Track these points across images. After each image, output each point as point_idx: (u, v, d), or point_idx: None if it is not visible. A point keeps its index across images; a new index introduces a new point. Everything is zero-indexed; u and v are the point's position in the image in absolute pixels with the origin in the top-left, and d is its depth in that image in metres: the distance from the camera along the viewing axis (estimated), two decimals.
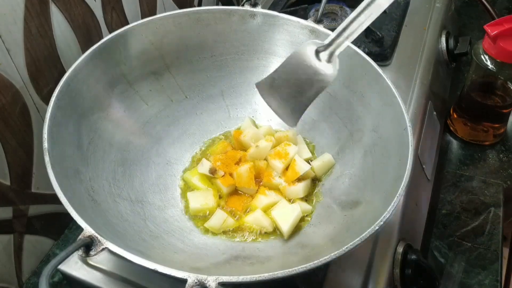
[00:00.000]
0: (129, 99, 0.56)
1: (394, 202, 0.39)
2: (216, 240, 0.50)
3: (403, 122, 0.46)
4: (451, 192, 0.66)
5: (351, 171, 0.52)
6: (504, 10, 0.96)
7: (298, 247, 0.47)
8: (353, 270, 0.47)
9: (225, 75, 0.61)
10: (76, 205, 0.38)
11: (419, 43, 0.71)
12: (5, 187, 0.52)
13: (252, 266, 0.44)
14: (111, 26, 0.63)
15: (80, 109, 0.49)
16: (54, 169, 0.39)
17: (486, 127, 0.70)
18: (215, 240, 0.50)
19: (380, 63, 0.66)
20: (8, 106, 0.50)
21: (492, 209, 0.63)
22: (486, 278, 0.56)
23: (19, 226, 0.55)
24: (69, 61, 0.57)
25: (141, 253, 0.38)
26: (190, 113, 0.61)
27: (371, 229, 0.37)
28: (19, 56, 0.50)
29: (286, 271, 0.34)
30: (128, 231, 0.45)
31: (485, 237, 0.60)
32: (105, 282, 0.47)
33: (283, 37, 0.59)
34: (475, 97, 0.68)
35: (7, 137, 0.51)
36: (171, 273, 0.34)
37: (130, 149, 0.54)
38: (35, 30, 0.51)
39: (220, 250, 0.48)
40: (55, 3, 0.52)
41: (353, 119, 0.54)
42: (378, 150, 0.50)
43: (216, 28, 0.58)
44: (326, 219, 0.50)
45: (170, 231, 0.49)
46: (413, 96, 0.63)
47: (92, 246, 0.35)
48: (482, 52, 0.63)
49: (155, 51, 0.57)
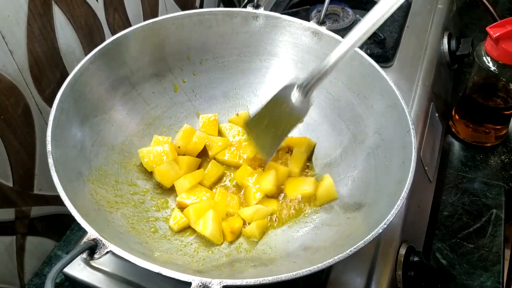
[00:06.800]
0: (132, 101, 0.56)
1: (398, 204, 0.39)
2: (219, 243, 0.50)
3: (406, 124, 0.46)
4: (453, 194, 0.66)
5: (354, 173, 0.52)
6: (506, 11, 0.96)
7: (301, 249, 0.47)
8: (355, 271, 0.47)
9: (227, 76, 0.61)
10: (80, 208, 0.38)
11: (421, 44, 0.71)
12: (8, 188, 0.52)
13: (255, 268, 0.44)
14: (113, 28, 0.63)
15: (83, 111, 0.49)
16: (57, 172, 0.39)
17: (488, 128, 0.70)
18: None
19: (382, 65, 0.66)
20: (11, 107, 0.50)
21: (494, 211, 0.63)
22: (488, 280, 0.56)
23: (21, 227, 0.55)
24: (72, 62, 0.57)
25: (145, 256, 0.38)
26: (193, 114, 0.61)
27: (374, 232, 0.37)
28: (22, 58, 0.50)
29: (290, 274, 0.35)
30: (131, 233, 0.45)
31: (487, 239, 0.60)
32: (107, 284, 0.47)
33: (286, 38, 0.59)
34: (477, 99, 0.68)
35: (9, 138, 0.51)
36: (176, 276, 0.34)
37: (133, 151, 0.54)
38: (38, 32, 0.51)
39: (223, 253, 0.48)
40: (58, 5, 0.52)
41: (356, 121, 0.54)
42: (381, 152, 0.50)
43: (218, 30, 0.58)
44: (329, 221, 0.50)
45: (173, 234, 0.49)
46: (415, 97, 0.63)
47: (96, 249, 0.35)
48: (484, 54, 0.63)
49: (158, 53, 0.57)
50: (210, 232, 0.48)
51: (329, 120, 0.57)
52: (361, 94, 0.53)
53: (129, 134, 0.55)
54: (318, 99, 0.58)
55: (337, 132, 0.56)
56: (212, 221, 0.49)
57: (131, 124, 0.55)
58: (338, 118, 0.56)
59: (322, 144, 0.58)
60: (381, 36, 0.68)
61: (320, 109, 0.58)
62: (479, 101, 0.67)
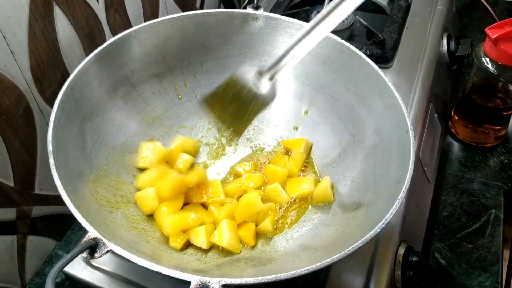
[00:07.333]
0: (132, 101, 0.56)
1: (396, 204, 0.39)
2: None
3: (404, 125, 0.46)
4: (452, 194, 0.66)
5: (353, 174, 0.52)
6: (505, 12, 0.96)
7: (300, 249, 0.47)
8: (354, 271, 0.48)
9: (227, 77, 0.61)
10: (81, 208, 0.38)
11: (420, 45, 0.71)
12: (9, 188, 0.52)
13: (254, 267, 0.45)
14: (114, 28, 0.63)
15: (83, 112, 0.49)
16: (58, 172, 0.40)
17: (487, 129, 0.70)
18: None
19: (382, 65, 0.66)
20: (12, 107, 0.50)
21: (493, 211, 0.63)
22: (486, 280, 0.56)
23: (22, 227, 0.56)
24: (73, 63, 0.57)
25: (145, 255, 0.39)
26: (193, 114, 0.61)
27: (373, 232, 0.37)
28: (23, 58, 0.50)
29: (289, 274, 0.35)
30: (131, 233, 0.45)
31: (486, 239, 0.60)
32: (108, 283, 0.47)
33: (285, 39, 0.59)
34: (476, 100, 0.68)
35: (10, 138, 0.51)
36: (175, 275, 0.34)
37: (133, 151, 0.55)
38: (39, 32, 0.51)
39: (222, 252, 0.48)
40: (59, 6, 0.53)
41: (355, 121, 0.54)
42: (380, 152, 0.50)
43: (218, 31, 0.59)
44: (328, 221, 0.50)
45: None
46: (415, 98, 0.63)
47: (96, 248, 0.36)
48: (483, 55, 0.64)
49: (158, 54, 0.57)
50: (227, 242, 0.47)
51: (328, 120, 0.57)
52: (360, 94, 0.53)
53: (130, 134, 0.55)
54: (318, 100, 0.58)
55: (336, 132, 0.56)
56: (228, 230, 0.48)
57: (132, 124, 0.56)
58: (337, 119, 0.56)
59: (321, 144, 0.58)
60: (380, 37, 0.68)
61: (319, 110, 0.58)
62: (478, 101, 0.68)
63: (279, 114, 0.61)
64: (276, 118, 0.61)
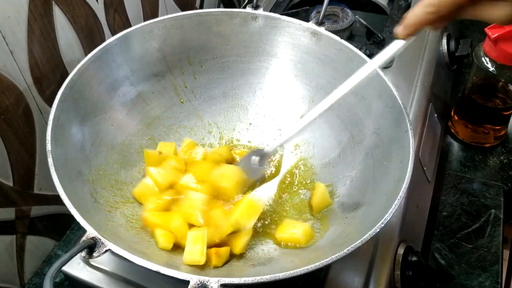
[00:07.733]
0: (132, 101, 0.56)
1: (395, 204, 0.39)
2: None
3: (404, 125, 0.46)
4: (451, 194, 0.66)
5: (352, 173, 0.52)
6: None
7: (300, 248, 0.47)
8: (354, 271, 0.47)
9: (227, 77, 0.61)
10: (79, 207, 0.38)
11: (420, 45, 0.71)
12: (8, 188, 0.52)
13: (253, 267, 0.45)
14: (114, 28, 0.63)
15: (82, 111, 0.49)
16: (57, 171, 0.40)
17: (487, 129, 0.70)
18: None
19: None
20: (11, 107, 0.50)
21: (492, 211, 0.63)
22: (486, 280, 0.56)
23: (21, 227, 0.56)
24: (72, 62, 0.57)
25: (144, 254, 0.39)
26: (192, 114, 0.61)
27: (372, 231, 0.37)
28: (22, 58, 0.50)
29: (288, 273, 0.35)
30: (130, 232, 0.45)
31: (486, 239, 0.60)
32: (107, 283, 0.47)
33: (285, 39, 0.59)
34: (476, 99, 0.68)
35: (10, 138, 0.51)
36: (174, 275, 0.34)
37: (132, 151, 0.55)
38: (38, 32, 0.51)
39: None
40: (58, 5, 0.53)
41: (354, 121, 0.54)
42: (379, 152, 0.50)
43: (218, 30, 0.59)
44: (327, 221, 0.50)
45: None
46: (414, 98, 0.63)
47: (95, 247, 0.36)
48: (483, 55, 0.64)
49: (157, 53, 0.57)
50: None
51: (327, 120, 0.57)
52: (360, 94, 0.53)
53: (129, 134, 0.55)
54: (317, 100, 0.58)
55: (336, 132, 0.56)
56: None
57: (131, 124, 0.56)
58: (336, 119, 0.56)
59: (321, 144, 0.58)
60: (380, 37, 0.68)
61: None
62: (478, 101, 0.68)
63: (279, 114, 0.61)
64: (276, 118, 0.61)
